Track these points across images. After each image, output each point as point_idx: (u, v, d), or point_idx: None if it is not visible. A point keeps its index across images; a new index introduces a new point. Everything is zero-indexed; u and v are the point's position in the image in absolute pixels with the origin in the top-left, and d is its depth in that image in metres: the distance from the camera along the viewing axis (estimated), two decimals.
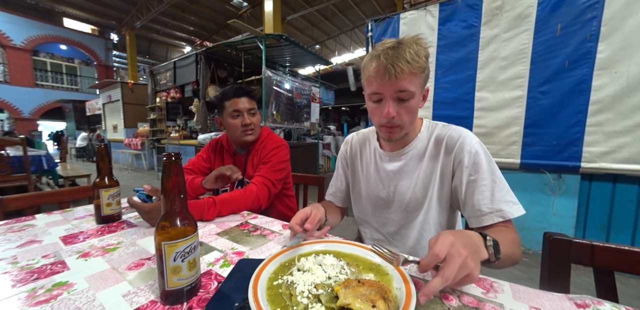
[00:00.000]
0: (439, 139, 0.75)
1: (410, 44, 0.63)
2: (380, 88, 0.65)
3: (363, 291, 0.40)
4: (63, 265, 0.54)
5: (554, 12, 1.87)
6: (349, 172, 0.94)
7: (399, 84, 0.63)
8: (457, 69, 2.24)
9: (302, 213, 0.67)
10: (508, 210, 0.63)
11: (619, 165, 1.76)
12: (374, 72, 0.64)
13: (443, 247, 0.41)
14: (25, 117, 12.21)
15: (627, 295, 1.66)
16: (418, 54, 0.62)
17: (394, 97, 0.65)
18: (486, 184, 0.66)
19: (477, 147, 0.70)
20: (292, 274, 0.48)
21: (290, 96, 4.68)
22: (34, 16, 12.11)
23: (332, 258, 0.53)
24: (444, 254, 0.40)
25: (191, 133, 5.68)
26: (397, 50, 0.62)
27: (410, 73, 0.62)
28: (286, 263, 0.53)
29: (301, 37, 12.84)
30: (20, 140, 2.45)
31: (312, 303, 0.41)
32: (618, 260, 0.55)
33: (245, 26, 4.06)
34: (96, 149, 0.79)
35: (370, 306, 0.37)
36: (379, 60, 0.63)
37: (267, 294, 0.43)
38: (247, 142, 1.15)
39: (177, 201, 0.44)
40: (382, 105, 0.67)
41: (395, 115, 0.66)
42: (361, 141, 0.91)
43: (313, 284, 0.44)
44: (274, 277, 0.48)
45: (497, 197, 0.65)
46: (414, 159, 0.78)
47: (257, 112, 1.16)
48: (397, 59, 0.61)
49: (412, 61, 0.61)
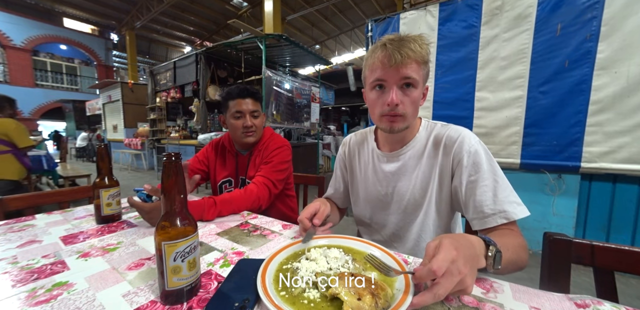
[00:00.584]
0: (438, 138, 0.74)
1: (414, 38, 0.64)
2: (384, 74, 0.65)
3: (354, 284, 0.42)
4: (63, 265, 0.54)
5: (554, 12, 1.87)
6: (348, 173, 0.93)
7: (404, 71, 0.63)
8: (457, 69, 2.24)
9: (312, 208, 0.67)
10: (512, 211, 0.61)
11: (619, 165, 1.76)
12: (380, 58, 0.64)
13: (443, 264, 0.37)
14: (25, 117, 12.20)
15: (627, 295, 1.65)
16: (422, 47, 0.64)
17: (398, 84, 0.65)
18: (487, 184, 0.64)
19: (477, 146, 0.68)
20: (299, 262, 0.52)
21: (290, 96, 4.68)
22: (34, 16, 12.11)
23: (337, 251, 0.55)
24: (442, 272, 0.37)
25: (191, 133, 5.69)
26: (402, 40, 0.63)
27: (415, 61, 0.63)
28: (300, 252, 0.58)
29: (301, 37, 12.83)
30: None
31: (310, 289, 0.45)
32: (618, 260, 0.55)
33: (245, 26, 4.06)
34: (96, 149, 0.79)
35: (356, 299, 0.39)
36: (385, 47, 0.64)
37: (275, 274, 0.49)
38: (248, 143, 1.15)
39: (177, 201, 0.44)
40: (386, 92, 0.67)
41: (400, 103, 0.65)
42: (359, 142, 0.91)
43: (314, 272, 0.48)
44: (285, 261, 0.54)
45: (500, 197, 0.63)
46: (412, 159, 0.77)
47: (261, 114, 1.15)
48: (403, 47, 0.62)
49: (416, 50, 0.62)
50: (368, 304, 0.38)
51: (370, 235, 0.90)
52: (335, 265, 0.51)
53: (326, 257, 0.53)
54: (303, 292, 0.44)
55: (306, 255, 0.55)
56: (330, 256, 0.53)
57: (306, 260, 0.52)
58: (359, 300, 0.39)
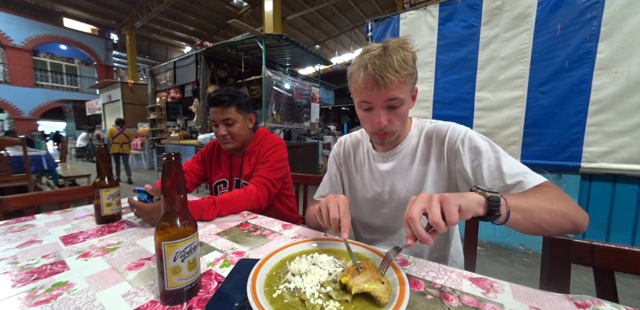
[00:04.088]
0: (429, 134, 0.76)
1: (397, 49, 0.60)
2: (369, 98, 0.65)
3: (367, 274, 0.45)
4: (63, 265, 0.54)
5: (554, 12, 1.87)
6: (344, 173, 0.94)
7: (389, 94, 0.62)
8: (457, 68, 2.24)
9: (342, 204, 0.61)
10: (527, 181, 0.59)
11: (619, 165, 1.76)
12: (363, 83, 0.63)
13: (414, 207, 0.45)
14: (25, 117, 12.21)
15: (627, 295, 1.65)
16: (406, 60, 0.60)
17: (384, 105, 0.65)
18: (492, 163, 0.64)
19: (469, 132, 0.70)
20: (289, 281, 0.46)
21: (290, 96, 4.68)
22: (34, 16, 12.11)
23: (324, 255, 0.54)
24: (414, 213, 0.44)
25: (191, 133, 5.69)
26: (384, 58, 0.60)
27: (399, 82, 0.61)
28: (273, 272, 0.50)
29: (301, 37, 12.84)
30: (20, 140, 2.45)
31: (325, 301, 0.42)
32: (618, 260, 0.54)
33: (245, 26, 4.07)
34: (96, 149, 0.79)
35: (380, 283, 0.44)
36: (367, 70, 0.61)
37: (274, 308, 0.40)
38: (228, 150, 1.16)
39: (177, 201, 0.44)
40: (373, 113, 0.67)
41: (387, 124, 0.66)
42: (354, 143, 0.92)
43: (319, 284, 0.45)
44: (268, 290, 0.45)
45: (509, 172, 0.61)
46: (406, 158, 0.78)
47: (238, 120, 1.11)
48: (384, 69, 0.59)
49: (400, 69, 0.59)
50: (388, 282, 0.45)
51: (368, 235, 0.90)
52: (332, 268, 0.49)
53: (315, 264, 0.50)
54: (322, 308, 0.40)
55: (290, 270, 0.49)
56: (322, 261, 0.51)
57: (294, 276, 0.47)
58: (383, 283, 0.44)
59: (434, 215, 0.43)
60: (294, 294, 0.43)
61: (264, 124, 4.15)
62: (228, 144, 1.13)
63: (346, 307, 0.41)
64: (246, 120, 1.16)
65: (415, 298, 0.44)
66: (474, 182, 0.67)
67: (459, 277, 0.51)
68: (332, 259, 0.53)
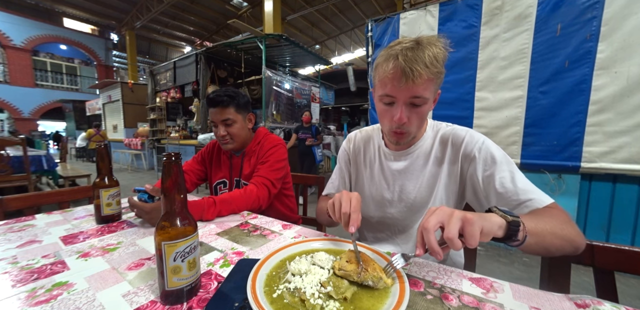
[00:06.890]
0: (444, 138, 0.75)
1: (430, 45, 0.59)
2: (394, 91, 0.62)
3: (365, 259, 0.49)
4: (63, 265, 0.54)
5: (554, 12, 1.87)
6: (352, 169, 0.93)
7: (415, 90, 0.60)
8: (457, 68, 2.24)
9: (355, 200, 0.60)
10: (538, 199, 0.58)
11: (619, 165, 1.76)
12: (391, 74, 0.60)
13: (431, 218, 0.44)
14: (25, 117, 12.20)
15: (627, 295, 1.65)
16: (437, 58, 0.59)
17: (407, 102, 0.63)
18: (505, 176, 0.63)
19: (486, 142, 0.69)
20: (289, 281, 0.46)
21: (290, 96, 4.68)
22: (34, 16, 12.11)
23: (323, 253, 0.54)
24: (430, 224, 0.43)
25: (191, 133, 5.69)
26: (416, 51, 0.58)
27: (427, 79, 0.59)
28: (273, 272, 0.50)
29: (301, 37, 12.83)
30: (20, 140, 2.45)
31: (325, 301, 0.41)
32: (618, 260, 0.55)
33: (245, 26, 4.07)
34: (96, 149, 0.79)
35: (365, 269, 0.46)
36: (397, 61, 0.59)
37: (274, 308, 0.40)
38: (228, 150, 1.16)
39: (177, 201, 0.44)
40: (394, 108, 0.65)
41: (406, 121, 0.65)
42: (365, 139, 0.90)
43: (319, 284, 0.45)
44: (268, 290, 0.45)
45: (523, 187, 0.60)
46: (419, 159, 0.77)
47: (237, 120, 1.11)
48: (415, 62, 0.57)
49: (430, 65, 0.58)
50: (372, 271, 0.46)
51: (374, 233, 0.90)
52: (330, 267, 0.49)
53: (315, 264, 0.50)
54: (322, 308, 0.40)
55: (290, 270, 0.49)
56: (322, 259, 0.51)
57: (294, 276, 0.47)
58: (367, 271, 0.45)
59: (449, 231, 0.41)
60: (294, 294, 0.43)
61: (263, 124, 4.16)
62: (228, 145, 1.13)
63: (346, 307, 0.41)
64: (245, 120, 1.16)
65: (415, 298, 0.44)
66: (482, 191, 0.66)
67: (459, 277, 0.51)
68: (331, 258, 0.53)
